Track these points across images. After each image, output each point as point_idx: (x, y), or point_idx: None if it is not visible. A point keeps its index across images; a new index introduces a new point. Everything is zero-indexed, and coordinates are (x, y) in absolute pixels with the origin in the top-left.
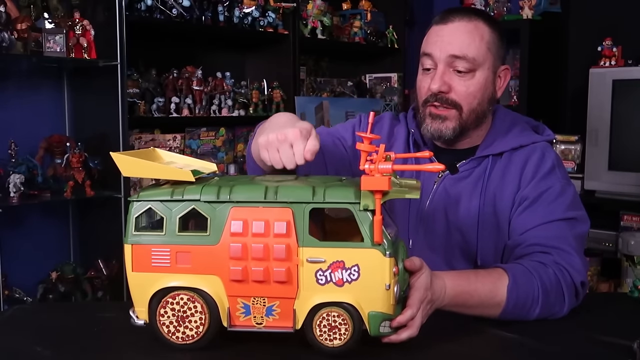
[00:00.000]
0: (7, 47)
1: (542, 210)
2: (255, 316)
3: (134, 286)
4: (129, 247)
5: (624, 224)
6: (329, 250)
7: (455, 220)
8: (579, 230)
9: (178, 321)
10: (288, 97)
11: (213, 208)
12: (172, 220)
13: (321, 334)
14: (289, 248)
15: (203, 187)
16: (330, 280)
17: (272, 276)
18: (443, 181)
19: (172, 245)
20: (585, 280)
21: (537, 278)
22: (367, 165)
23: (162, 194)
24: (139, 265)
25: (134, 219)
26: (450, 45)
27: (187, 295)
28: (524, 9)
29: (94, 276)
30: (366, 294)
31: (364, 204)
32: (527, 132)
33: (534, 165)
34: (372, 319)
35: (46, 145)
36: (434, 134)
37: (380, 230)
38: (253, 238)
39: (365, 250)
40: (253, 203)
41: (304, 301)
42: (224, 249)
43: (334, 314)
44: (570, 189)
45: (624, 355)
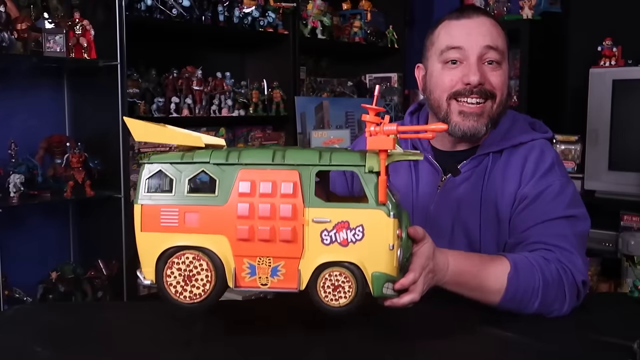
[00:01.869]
0: (7, 47)
1: (542, 208)
2: (261, 277)
3: (142, 246)
4: (139, 207)
5: (624, 224)
6: (334, 210)
7: (458, 220)
8: (580, 229)
9: (185, 280)
10: (288, 97)
11: (222, 170)
12: (181, 181)
13: (326, 295)
14: (295, 208)
15: (213, 151)
16: (335, 240)
17: (278, 235)
18: (446, 184)
19: (180, 205)
20: (586, 279)
21: (538, 271)
22: (372, 128)
23: (172, 157)
24: (148, 225)
25: (144, 181)
26: (483, 37)
27: (193, 254)
28: (524, 9)
29: (94, 276)
30: (370, 254)
31: (369, 166)
32: (526, 129)
33: (534, 163)
34: (376, 280)
35: (46, 145)
36: (467, 132)
37: (384, 190)
38: (260, 198)
39: (370, 211)
40: (261, 165)
41: (309, 261)
42: (231, 209)
43: (337, 273)
44: (570, 187)
45: (624, 355)
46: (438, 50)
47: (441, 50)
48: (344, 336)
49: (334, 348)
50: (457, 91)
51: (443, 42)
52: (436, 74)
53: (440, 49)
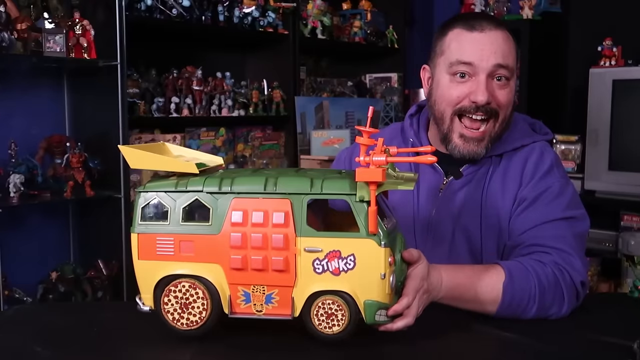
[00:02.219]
0: (7, 47)
1: (541, 210)
2: (255, 304)
3: (139, 274)
4: (135, 236)
5: (624, 224)
6: (325, 240)
7: (460, 224)
8: (579, 229)
9: (182, 308)
10: (288, 97)
11: (215, 199)
12: (176, 210)
13: (319, 322)
14: (287, 238)
15: (206, 179)
16: (327, 269)
17: (271, 265)
18: (448, 188)
19: (176, 234)
20: (585, 280)
21: (534, 276)
22: (362, 157)
23: (167, 186)
24: (145, 254)
25: (140, 209)
26: (494, 55)
27: (189, 282)
28: (524, 9)
29: (94, 276)
30: (362, 282)
31: (359, 195)
32: (527, 131)
33: (533, 165)
34: (368, 308)
35: (46, 145)
36: (466, 155)
37: (375, 221)
38: (253, 228)
39: (361, 240)
40: (253, 194)
41: (302, 289)
42: (225, 238)
43: (330, 302)
44: (569, 188)
45: (624, 355)
46: (447, 61)
47: (451, 62)
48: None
49: (333, 348)
50: (463, 107)
51: (454, 55)
52: (443, 85)
53: (450, 61)
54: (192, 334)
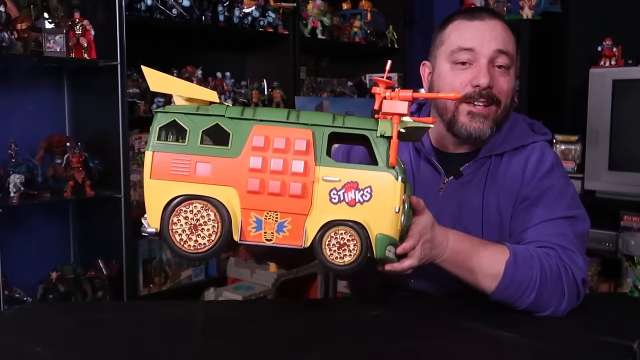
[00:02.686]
0: (7, 47)
1: (542, 209)
2: (266, 232)
3: (149, 193)
4: (150, 154)
5: (624, 224)
6: (344, 170)
7: (461, 223)
8: (580, 229)
9: (191, 229)
10: (288, 97)
11: (236, 124)
12: (195, 132)
13: (331, 253)
14: (307, 165)
15: (227, 107)
16: (343, 199)
17: (288, 190)
18: (448, 187)
19: (192, 155)
20: (586, 277)
21: (537, 262)
22: (388, 93)
23: (187, 108)
24: (158, 173)
25: (157, 129)
26: (496, 40)
27: (201, 203)
28: (524, 9)
29: (94, 276)
30: (376, 215)
31: (381, 130)
32: (528, 131)
33: (534, 165)
34: (380, 241)
35: (46, 145)
36: (473, 133)
37: (395, 154)
38: (273, 153)
39: (379, 173)
40: (276, 123)
41: (316, 219)
42: (244, 162)
43: (342, 232)
44: (570, 188)
45: (624, 355)
46: (448, 50)
47: (452, 50)
48: (343, 337)
49: (333, 348)
50: (466, 94)
51: (454, 43)
52: (445, 74)
53: (451, 49)
54: (198, 257)
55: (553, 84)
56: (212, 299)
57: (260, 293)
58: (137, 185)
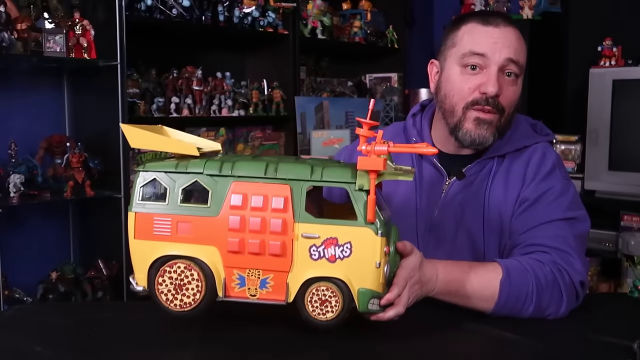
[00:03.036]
0: (7, 47)
1: (542, 210)
2: (250, 288)
3: (135, 253)
4: (133, 214)
5: (624, 224)
6: (323, 227)
7: (462, 224)
8: (580, 230)
9: (176, 289)
10: (288, 97)
11: (215, 182)
12: (175, 191)
13: (313, 309)
14: (285, 223)
15: (206, 161)
16: (323, 256)
17: (268, 249)
18: (450, 188)
19: (173, 215)
20: (585, 280)
21: (532, 275)
22: (364, 147)
23: (167, 166)
24: (141, 233)
25: (139, 189)
26: (508, 49)
27: (185, 263)
28: (524, 9)
29: (94, 276)
30: (357, 270)
31: (359, 184)
32: (530, 132)
33: (536, 166)
34: (362, 296)
35: (46, 145)
36: (476, 139)
37: (373, 209)
38: (251, 212)
39: (358, 229)
40: (253, 178)
41: (297, 275)
42: (223, 221)
43: (324, 288)
44: (571, 189)
45: (624, 355)
46: (459, 53)
47: (463, 53)
48: (343, 336)
49: (333, 348)
50: (474, 100)
51: (466, 46)
52: (454, 78)
53: (463, 52)
54: (185, 316)
55: (553, 83)
56: None
57: None
58: None
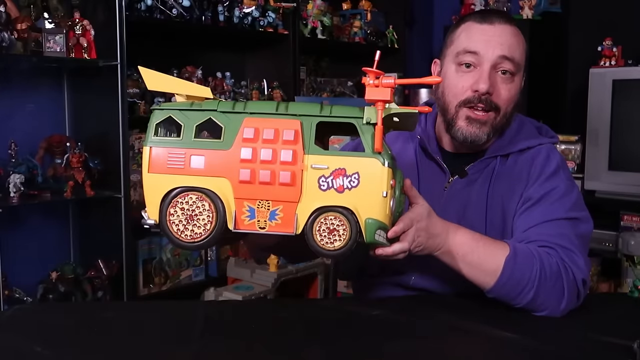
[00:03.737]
0: (7, 47)
1: (544, 209)
2: (259, 220)
3: (147, 187)
4: (147, 149)
5: (624, 224)
6: (332, 158)
7: (464, 223)
8: (582, 230)
9: (187, 219)
10: (288, 97)
11: (228, 118)
12: (189, 127)
13: (321, 238)
14: (295, 153)
15: (219, 102)
16: (331, 186)
17: (278, 179)
18: (453, 186)
19: (187, 149)
20: (587, 278)
21: (538, 261)
22: (370, 81)
23: (181, 105)
24: (155, 167)
25: (154, 125)
26: (501, 46)
27: (196, 194)
28: (524, 9)
29: (94, 276)
30: (364, 201)
31: (367, 117)
32: (534, 134)
33: (540, 167)
34: (369, 226)
35: (46, 145)
36: (468, 137)
37: (380, 139)
38: (263, 144)
39: (366, 159)
40: (265, 115)
41: (306, 205)
42: (235, 153)
43: (332, 217)
44: (574, 191)
45: (624, 355)
46: (455, 51)
47: (457, 52)
48: (343, 336)
49: (333, 348)
50: (467, 98)
51: (461, 44)
52: (449, 75)
53: (457, 51)
54: (195, 246)
55: (553, 84)
56: (212, 299)
57: (260, 293)
58: (137, 185)
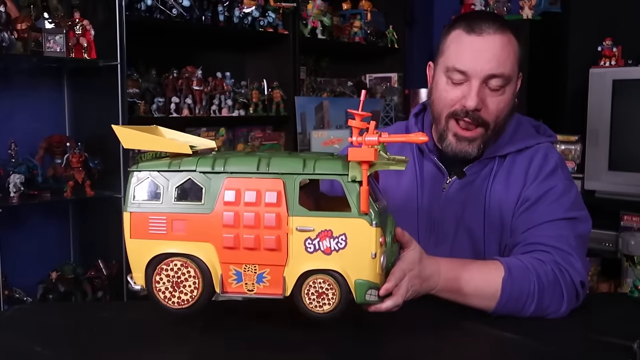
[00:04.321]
0: (7, 47)
1: (543, 210)
2: (247, 283)
3: (131, 252)
4: (128, 214)
5: (624, 224)
6: (317, 219)
7: (463, 223)
8: (581, 230)
9: (173, 287)
10: (288, 97)
11: (208, 178)
12: (169, 189)
13: (310, 301)
14: (279, 217)
15: (199, 159)
16: (318, 248)
17: (263, 244)
18: (451, 187)
19: (168, 213)
20: (585, 280)
21: (533, 274)
22: (354, 138)
23: (160, 165)
24: (137, 232)
25: (133, 189)
26: (489, 64)
27: (181, 261)
28: (524, 9)
29: (94, 276)
30: (353, 262)
31: (352, 175)
32: (532, 133)
33: (538, 166)
34: (359, 287)
35: (46, 145)
36: (458, 154)
37: (366, 200)
38: (245, 207)
39: (353, 220)
40: (246, 174)
41: (293, 268)
42: (217, 217)
43: (321, 281)
44: (573, 190)
45: (624, 355)
46: (444, 64)
47: (447, 67)
48: (343, 336)
49: (333, 348)
50: (455, 111)
51: (450, 59)
52: (440, 86)
53: (446, 65)
54: (183, 313)
55: (553, 84)
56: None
57: None
58: None
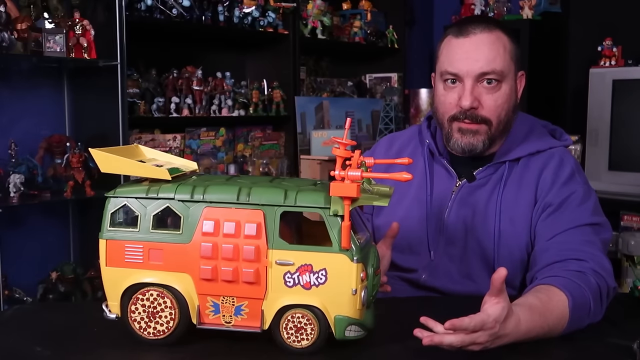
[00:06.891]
0: (7, 47)
1: (568, 216)
2: (224, 315)
3: (107, 281)
4: (104, 242)
5: (624, 224)
6: (297, 253)
7: (473, 228)
8: (604, 236)
9: (149, 317)
10: (288, 97)
11: (187, 207)
12: (146, 217)
13: (288, 336)
14: (259, 250)
15: (178, 186)
16: (298, 282)
17: (241, 276)
18: (461, 190)
19: (145, 242)
20: (615, 284)
21: (587, 290)
22: (336, 172)
23: (137, 192)
24: (113, 261)
25: (109, 215)
26: (477, 63)
27: (157, 291)
28: (524, 9)
29: (94, 276)
30: (333, 298)
31: (333, 209)
32: (545, 137)
33: (553, 171)
34: (338, 323)
35: (46, 145)
36: (465, 148)
37: (348, 236)
38: (224, 238)
39: (333, 255)
40: (225, 204)
41: (272, 302)
42: (195, 248)
43: (299, 315)
44: (592, 194)
45: (624, 355)
46: (439, 70)
47: (441, 72)
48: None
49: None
50: (454, 114)
51: (443, 65)
52: (439, 92)
53: (440, 70)
54: (159, 344)
55: (553, 83)
56: None
57: None
58: None
